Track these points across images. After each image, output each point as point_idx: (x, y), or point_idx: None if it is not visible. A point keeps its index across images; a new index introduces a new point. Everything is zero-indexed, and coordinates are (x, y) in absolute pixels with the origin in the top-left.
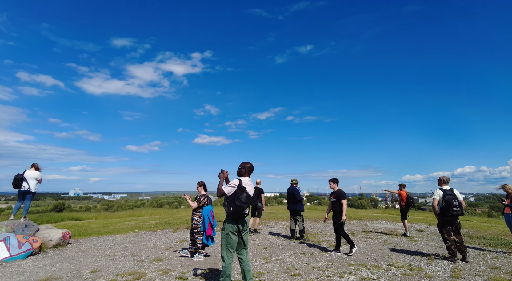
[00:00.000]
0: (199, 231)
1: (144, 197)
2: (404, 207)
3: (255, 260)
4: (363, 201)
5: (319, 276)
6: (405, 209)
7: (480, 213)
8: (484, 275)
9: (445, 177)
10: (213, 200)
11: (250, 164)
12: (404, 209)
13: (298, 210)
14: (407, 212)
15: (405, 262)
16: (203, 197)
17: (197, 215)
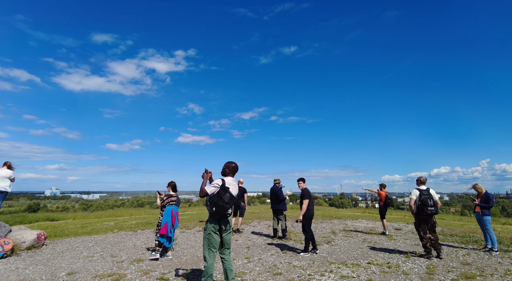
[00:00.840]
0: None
1: (124, 197)
2: (383, 206)
3: (238, 260)
4: (344, 201)
5: (300, 274)
6: (383, 209)
7: (454, 212)
8: (456, 271)
9: (422, 177)
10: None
11: (234, 163)
12: (383, 209)
13: (281, 209)
14: (385, 211)
15: (384, 260)
16: (167, 196)
17: (161, 214)
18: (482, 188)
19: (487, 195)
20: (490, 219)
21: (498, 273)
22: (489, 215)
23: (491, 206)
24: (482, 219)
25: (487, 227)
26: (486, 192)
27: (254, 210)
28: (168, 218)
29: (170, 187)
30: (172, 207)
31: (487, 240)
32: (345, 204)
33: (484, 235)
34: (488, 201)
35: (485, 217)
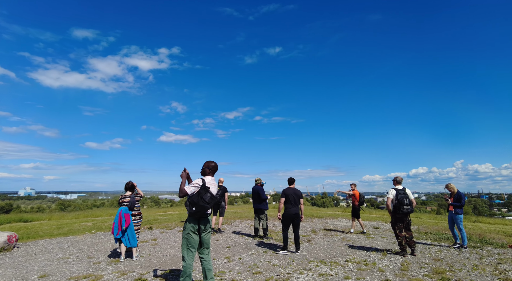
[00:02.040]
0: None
1: (104, 197)
2: (357, 206)
3: (218, 259)
4: (325, 200)
5: (279, 273)
6: (357, 208)
7: (430, 211)
8: (428, 267)
9: (398, 177)
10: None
11: (214, 163)
12: (357, 208)
13: (262, 208)
14: (359, 210)
15: (361, 258)
16: (122, 197)
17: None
18: (454, 187)
19: (459, 195)
20: (462, 218)
21: (466, 268)
22: (462, 213)
23: (462, 204)
24: (454, 217)
25: (459, 225)
26: (458, 192)
27: (237, 209)
28: (116, 219)
29: (129, 187)
30: (122, 208)
31: (456, 237)
32: (327, 203)
33: (453, 233)
34: (460, 200)
35: (457, 216)
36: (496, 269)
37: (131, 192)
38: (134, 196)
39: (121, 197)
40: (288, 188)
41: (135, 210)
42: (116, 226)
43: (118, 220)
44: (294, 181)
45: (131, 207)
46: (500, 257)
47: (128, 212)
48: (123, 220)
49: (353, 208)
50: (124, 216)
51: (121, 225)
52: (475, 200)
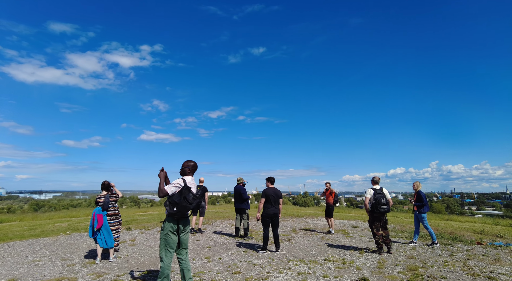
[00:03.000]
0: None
1: (81, 196)
2: (332, 205)
3: (197, 260)
4: (306, 199)
5: (259, 272)
6: (332, 207)
7: (407, 210)
8: (402, 264)
9: (376, 177)
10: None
11: (193, 162)
12: (332, 207)
13: (244, 208)
14: (333, 209)
15: (339, 256)
16: (98, 197)
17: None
18: (418, 186)
19: (418, 194)
20: (425, 216)
21: (438, 264)
22: (425, 212)
23: (424, 203)
24: (419, 216)
25: (424, 223)
26: (418, 191)
27: (218, 209)
28: (91, 220)
29: (105, 187)
30: (96, 209)
31: (416, 235)
32: (308, 203)
33: (416, 230)
34: (421, 200)
35: (421, 215)
36: (465, 264)
37: (107, 191)
38: (108, 196)
39: (97, 197)
40: (269, 188)
41: (110, 210)
42: (91, 227)
43: (92, 220)
44: (274, 180)
45: (105, 207)
46: (468, 253)
47: (101, 213)
48: (95, 221)
49: (328, 206)
50: (96, 216)
51: (94, 225)
52: (448, 199)
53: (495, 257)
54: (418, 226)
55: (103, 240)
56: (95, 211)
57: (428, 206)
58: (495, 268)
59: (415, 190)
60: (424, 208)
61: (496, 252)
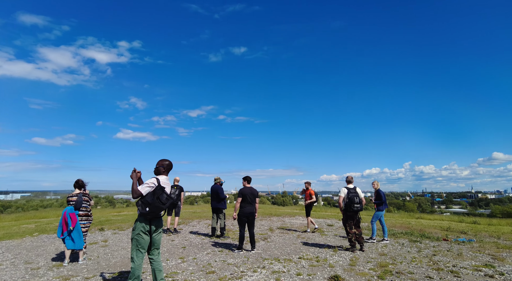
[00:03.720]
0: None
1: (53, 197)
2: (310, 204)
3: (171, 260)
4: (285, 199)
5: (233, 272)
6: (309, 206)
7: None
8: (374, 261)
9: (349, 176)
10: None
11: (168, 161)
12: (309, 206)
13: (220, 208)
14: (311, 208)
15: (314, 254)
16: (70, 196)
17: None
18: (376, 185)
19: (378, 192)
20: (383, 214)
21: (406, 260)
22: (383, 210)
23: (383, 201)
24: (376, 214)
25: (381, 220)
26: (377, 190)
27: (196, 209)
28: (60, 219)
29: (77, 186)
30: (67, 208)
31: (373, 232)
32: (286, 202)
33: (383, 228)
34: (380, 198)
35: (378, 212)
36: (431, 260)
37: (80, 190)
38: (82, 195)
39: (68, 195)
40: (245, 187)
41: (82, 210)
42: (60, 227)
43: (62, 220)
44: (251, 180)
45: (78, 206)
46: (435, 249)
47: (73, 212)
48: (68, 220)
49: (307, 206)
50: (69, 215)
51: (67, 225)
52: (420, 199)
53: (458, 252)
54: (383, 223)
55: (72, 241)
56: (66, 210)
57: (386, 204)
58: (458, 263)
59: (374, 188)
60: (382, 205)
61: (459, 248)
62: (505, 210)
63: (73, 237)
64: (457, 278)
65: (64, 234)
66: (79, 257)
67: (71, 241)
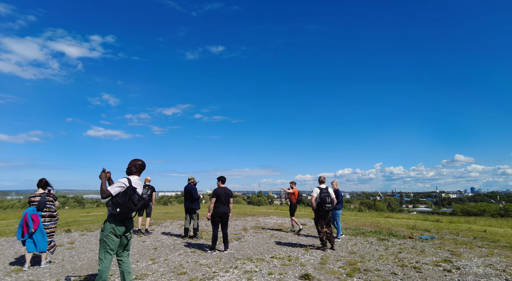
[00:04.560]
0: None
1: (15, 197)
2: (295, 204)
3: (141, 262)
4: (261, 198)
5: (205, 272)
6: (295, 206)
7: (353, 208)
8: (343, 260)
9: (322, 176)
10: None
11: (141, 161)
12: (294, 206)
13: (194, 208)
14: (296, 208)
15: (286, 253)
16: (32, 196)
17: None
18: (336, 185)
19: (336, 192)
20: (339, 213)
21: (374, 258)
22: (339, 209)
23: (340, 201)
24: (334, 212)
25: (337, 219)
26: (336, 189)
27: (169, 210)
28: (21, 221)
29: (41, 185)
30: (29, 209)
31: (339, 231)
32: (262, 202)
33: (338, 226)
34: (337, 197)
35: (335, 211)
36: (396, 257)
37: (44, 190)
38: (45, 195)
39: (31, 196)
40: (219, 188)
41: (46, 210)
42: (20, 229)
43: (22, 221)
44: (225, 180)
45: (40, 207)
46: (400, 247)
47: (35, 213)
48: (29, 222)
49: (291, 205)
50: (31, 216)
51: (28, 227)
52: (389, 198)
53: (421, 249)
54: (339, 222)
55: (34, 243)
56: (28, 211)
57: (342, 204)
58: (420, 259)
59: (334, 188)
60: (339, 204)
61: (422, 245)
62: (464, 208)
63: (35, 240)
64: (419, 273)
65: (24, 236)
66: (41, 261)
67: (32, 244)
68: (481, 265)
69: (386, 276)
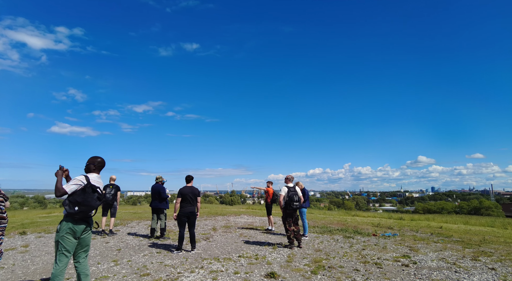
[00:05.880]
0: None
1: None
2: (270, 203)
3: (103, 264)
4: (233, 198)
5: (169, 273)
6: (270, 205)
7: (323, 207)
8: (309, 257)
9: (290, 175)
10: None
11: (101, 158)
12: (269, 205)
13: (162, 208)
14: (272, 207)
15: (254, 252)
16: None
17: None
18: (301, 184)
19: (302, 191)
20: (305, 211)
21: (339, 255)
22: (305, 207)
23: (306, 199)
24: (300, 210)
25: (303, 217)
26: (303, 189)
27: (137, 210)
28: None
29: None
30: None
31: (305, 229)
32: (234, 201)
33: (305, 224)
34: (304, 196)
35: (301, 209)
36: (360, 254)
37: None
38: None
39: None
40: (185, 187)
41: None
42: None
43: None
44: (192, 179)
45: None
46: (364, 244)
47: None
48: None
49: (267, 205)
50: None
51: None
52: (357, 197)
53: (383, 245)
54: (305, 220)
55: None
56: None
57: (308, 202)
58: (382, 255)
59: (300, 188)
60: (306, 203)
61: (385, 242)
62: (425, 207)
63: None
64: (379, 269)
65: None
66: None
67: None
68: (435, 259)
69: (349, 272)
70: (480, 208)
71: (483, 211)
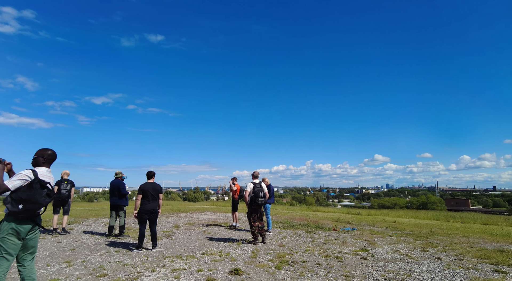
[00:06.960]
0: None
1: None
2: (237, 199)
3: (53, 265)
4: (197, 195)
5: (129, 273)
6: (237, 201)
7: (286, 203)
8: (273, 253)
9: (256, 172)
10: None
11: (51, 150)
12: (236, 201)
13: (121, 205)
14: (238, 203)
15: (218, 249)
16: None
17: None
18: (267, 181)
19: (268, 187)
20: (269, 207)
21: (301, 250)
22: (270, 203)
23: (271, 195)
24: (264, 206)
25: (267, 213)
26: (268, 185)
27: (94, 206)
28: None
29: None
30: None
31: (269, 225)
32: (198, 198)
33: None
34: (269, 192)
35: (266, 205)
36: (321, 248)
37: None
38: None
39: None
40: (147, 183)
41: None
42: None
43: None
44: (154, 175)
45: None
46: (326, 239)
47: None
48: None
49: (233, 201)
50: None
51: None
52: (318, 193)
53: (343, 240)
54: (268, 215)
55: None
56: None
57: (273, 198)
58: (342, 249)
59: (265, 184)
60: (271, 199)
61: (345, 236)
62: (380, 202)
63: None
64: (340, 262)
65: None
66: None
67: None
68: (390, 251)
69: (311, 267)
70: (427, 203)
71: (429, 205)
